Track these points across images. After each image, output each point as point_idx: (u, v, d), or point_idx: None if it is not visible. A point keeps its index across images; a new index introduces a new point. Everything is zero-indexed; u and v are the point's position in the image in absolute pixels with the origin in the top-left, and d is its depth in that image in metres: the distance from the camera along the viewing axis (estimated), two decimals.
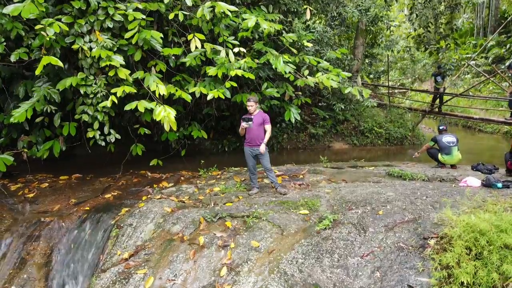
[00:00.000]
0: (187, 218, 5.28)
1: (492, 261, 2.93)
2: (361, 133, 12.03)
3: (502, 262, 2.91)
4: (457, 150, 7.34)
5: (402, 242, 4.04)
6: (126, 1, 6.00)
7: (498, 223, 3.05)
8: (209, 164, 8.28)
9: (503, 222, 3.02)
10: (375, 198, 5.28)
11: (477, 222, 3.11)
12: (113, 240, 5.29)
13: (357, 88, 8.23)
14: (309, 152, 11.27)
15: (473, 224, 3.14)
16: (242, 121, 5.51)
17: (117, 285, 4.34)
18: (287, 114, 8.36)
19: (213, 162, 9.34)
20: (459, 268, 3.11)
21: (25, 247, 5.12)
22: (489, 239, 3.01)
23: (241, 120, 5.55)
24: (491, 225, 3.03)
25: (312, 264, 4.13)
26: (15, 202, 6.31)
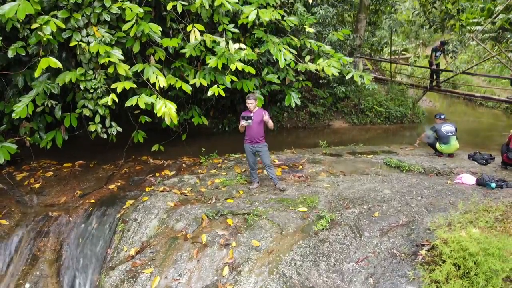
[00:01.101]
0: (190, 215, 5.47)
1: (478, 281, 3.12)
2: (361, 112, 12.02)
3: (487, 283, 3.10)
4: (455, 140, 7.42)
5: (396, 249, 4.24)
6: None
7: (486, 246, 3.21)
8: (210, 146, 8.38)
9: (491, 246, 3.18)
10: (372, 196, 5.44)
11: (466, 244, 3.27)
12: (119, 235, 5.52)
13: (358, 74, 8.16)
14: (309, 132, 11.34)
15: (462, 245, 3.30)
16: (242, 119, 5.54)
17: (126, 284, 4.60)
18: (287, 99, 8.34)
19: (214, 145, 9.46)
20: (448, 284, 3.31)
21: (36, 243, 5.35)
22: (476, 261, 3.18)
23: (240, 118, 5.58)
24: (479, 248, 3.19)
25: (310, 267, 4.36)
26: (22, 193, 6.49)
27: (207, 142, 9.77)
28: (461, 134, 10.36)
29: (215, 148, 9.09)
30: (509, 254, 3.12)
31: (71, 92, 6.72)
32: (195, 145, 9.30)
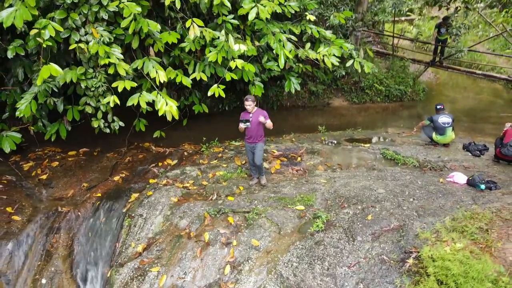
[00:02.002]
0: (193, 212, 5.75)
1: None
2: (361, 90, 11.99)
3: None
4: (451, 131, 7.55)
5: (385, 255, 4.54)
6: None
7: (467, 268, 3.48)
8: (211, 129, 8.52)
9: (472, 269, 3.45)
10: (367, 196, 5.68)
11: (449, 265, 3.54)
12: (126, 230, 5.83)
13: (359, 61, 8.10)
14: (309, 111, 11.40)
15: (446, 265, 3.57)
16: (240, 122, 5.64)
17: (135, 282, 4.97)
18: (287, 85, 8.35)
19: (215, 128, 9.59)
20: None
21: (48, 239, 5.68)
22: (457, 281, 3.47)
23: (239, 122, 5.68)
24: (461, 270, 3.46)
25: (305, 269, 4.69)
26: (31, 185, 6.73)
27: (207, 125, 9.90)
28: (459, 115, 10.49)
29: (215, 130, 9.24)
30: (487, 278, 3.40)
31: (72, 85, 6.74)
32: (196, 128, 9.43)
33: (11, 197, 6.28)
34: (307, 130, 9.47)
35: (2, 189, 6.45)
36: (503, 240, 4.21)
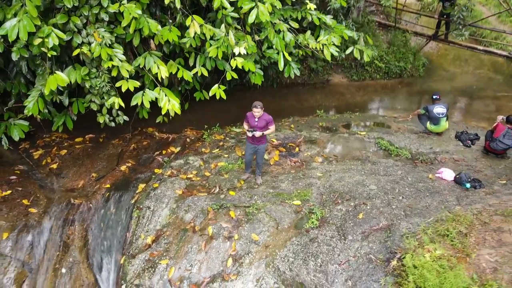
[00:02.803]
0: (197, 206, 6.14)
1: None
2: (360, 66, 11.96)
3: None
4: (445, 121, 7.75)
5: (373, 254, 4.99)
6: None
7: (442, 280, 3.91)
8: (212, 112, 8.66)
9: (446, 281, 3.88)
10: (359, 192, 6.05)
11: (427, 274, 3.97)
12: (135, 221, 6.27)
13: (358, 48, 8.10)
14: (308, 90, 11.47)
15: (424, 274, 4.01)
16: (248, 132, 5.89)
17: (146, 273, 5.48)
18: (287, 70, 8.38)
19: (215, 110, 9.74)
20: None
21: (64, 230, 6.13)
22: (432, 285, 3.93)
23: (246, 131, 5.93)
24: (437, 282, 3.90)
25: (300, 265, 5.16)
26: (42, 175, 7.07)
27: (208, 106, 10.02)
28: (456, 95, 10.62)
29: (216, 113, 9.41)
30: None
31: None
32: (197, 110, 9.59)
33: (25, 188, 6.64)
34: (306, 111, 9.65)
35: (16, 180, 6.79)
36: (480, 245, 4.63)
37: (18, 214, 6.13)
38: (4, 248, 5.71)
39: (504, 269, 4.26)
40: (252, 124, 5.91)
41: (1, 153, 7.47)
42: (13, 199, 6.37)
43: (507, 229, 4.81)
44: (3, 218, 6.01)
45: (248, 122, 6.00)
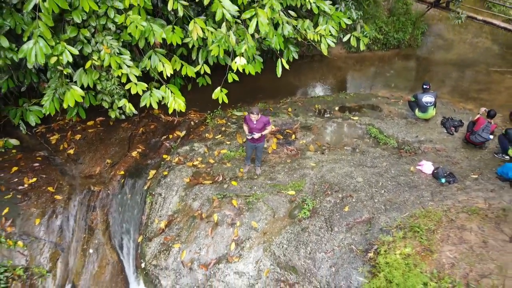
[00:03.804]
0: (203, 195, 6.88)
1: None
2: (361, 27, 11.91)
3: None
4: (432, 109, 8.19)
5: (354, 245, 5.82)
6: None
7: (405, 279, 4.75)
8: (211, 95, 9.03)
9: (409, 279, 4.72)
10: (347, 184, 6.75)
11: (394, 273, 4.81)
12: (149, 206, 7.06)
13: (356, 35, 8.24)
14: (307, 64, 11.60)
15: (391, 273, 4.85)
16: (247, 135, 6.42)
17: (162, 255, 6.38)
18: (286, 54, 8.63)
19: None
20: None
21: (88, 215, 6.93)
22: (398, 284, 4.79)
23: (246, 134, 6.45)
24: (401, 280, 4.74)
25: (293, 251, 6.04)
26: (62, 161, 7.71)
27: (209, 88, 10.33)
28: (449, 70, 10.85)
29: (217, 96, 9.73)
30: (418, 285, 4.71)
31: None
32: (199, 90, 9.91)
33: (48, 175, 7.32)
34: (304, 89, 10.00)
35: (39, 167, 7.44)
36: (443, 242, 5.44)
37: (45, 201, 6.88)
38: (38, 232, 6.56)
39: (460, 265, 5.10)
40: (251, 126, 6.42)
41: (21, 138, 8.01)
42: (39, 186, 7.08)
43: (469, 227, 5.58)
44: (34, 205, 6.78)
45: (247, 124, 6.49)
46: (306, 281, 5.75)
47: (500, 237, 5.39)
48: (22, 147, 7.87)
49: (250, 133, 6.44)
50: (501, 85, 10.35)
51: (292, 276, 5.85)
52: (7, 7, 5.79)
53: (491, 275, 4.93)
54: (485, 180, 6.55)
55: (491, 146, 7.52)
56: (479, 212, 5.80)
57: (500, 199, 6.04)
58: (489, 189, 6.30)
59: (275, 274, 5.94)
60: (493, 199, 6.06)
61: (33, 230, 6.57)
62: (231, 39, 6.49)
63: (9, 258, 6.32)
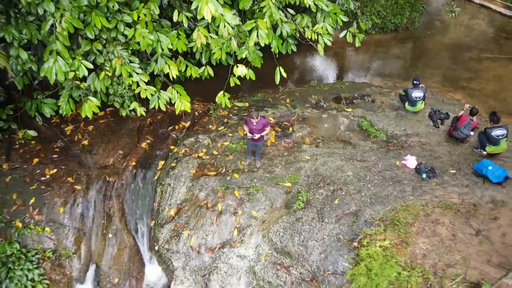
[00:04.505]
0: (208, 186, 7.54)
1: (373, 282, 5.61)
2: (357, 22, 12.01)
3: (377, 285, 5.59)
4: (421, 103, 8.64)
5: (341, 235, 6.57)
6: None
7: (382, 269, 5.53)
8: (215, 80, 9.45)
9: (385, 270, 5.49)
10: (338, 177, 7.39)
11: (373, 263, 5.58)
12: (159, 194, 7.77)
13: (352, 31, 8.49)
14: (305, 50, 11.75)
15: (371, 263, 5.63)
16: (248, 135, 6.94)
17: (173, 240, 7.17)
18: (285, 47, 8.93)
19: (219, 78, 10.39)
20: (360, 276, 5.82)
21: (105, 204, 7.64)
22: (376, 274, 5.58)
23: (247, 134, 6.97)
24: (378, 270, 5.52)
25: (288, 238, 6.81)
26: (78, 152, 8.29)
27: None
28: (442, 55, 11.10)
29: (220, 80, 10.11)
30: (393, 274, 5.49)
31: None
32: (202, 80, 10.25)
33: (67, 166, 7.93)
34: (302, 79, 10.34)
35: (57, 158, 8.05)
36: (418, 234, 6.17)
37: (67, 191, 7.56)
38: (62, 219, 7.32)
39: (431, 255, 5.87)
40: (251, 127, 6.94)
41: (39, 129, 8.52)
42: (60, 177, 7.73)
43: (442, 221, 6.30)
44: (56, 195, 7.47)
45: (248, 126, 7.01)
46: (299, 265, 6.57)
47: (468, 231, 6.13)
48: (40, 138, 8.41)
49: (251, 134, 6.98)
50: (491, 73, 10.69)
51: (287, 260, 6.66)
52: (21, 17, 6.10)
53: (456, 265, 5.72)
54: (462, 176, 7.17)
55: (472, 140, 8.07)
56: (452, 207, 6.48)
57: (472, 194, 6.70)
58: (464, 184, 6.95)
59: (273, 257, 6.75)
60: (466, 194, 6.72)
61: (58, 217, 7.32)
62: (233, 44, 6.82)
63: (39, 242, 7.13)
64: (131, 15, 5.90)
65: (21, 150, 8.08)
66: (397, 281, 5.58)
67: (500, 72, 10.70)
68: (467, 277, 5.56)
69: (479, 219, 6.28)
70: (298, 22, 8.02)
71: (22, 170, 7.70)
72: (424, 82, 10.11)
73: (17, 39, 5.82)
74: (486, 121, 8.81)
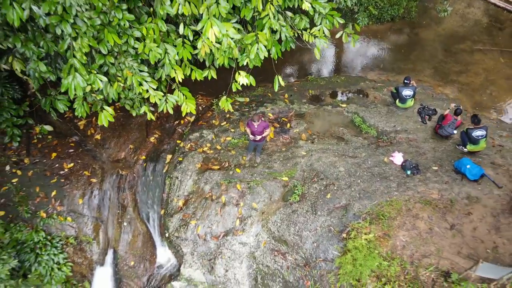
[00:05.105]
0: (213, 180, 8.17)
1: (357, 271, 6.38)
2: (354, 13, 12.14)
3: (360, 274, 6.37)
4: (411, 101, 9.09)
5: (332, 227, 7.29)
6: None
7: (366, 260, 6.26)
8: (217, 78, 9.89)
9: (368, 261, 6.23)
10: (331, 172, 8.00)
11: (358, 254, 6.32)
12: (168, 186, 8.42)
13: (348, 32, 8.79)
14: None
15: (357, 254, 6.36)
16: (250, 136, 7.47)
17: (182, 229, 7.90)
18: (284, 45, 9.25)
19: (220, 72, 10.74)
20: (347, 264, 6.59)
21: (119, 195, 8.30)
22: (360, 264, 6.34)
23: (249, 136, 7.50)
24: (362, 260, 6.27)
25: (284, 229, 7.53)
26: (91, 146, 8.84)
27: None
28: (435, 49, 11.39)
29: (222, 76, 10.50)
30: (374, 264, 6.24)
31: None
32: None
33: (83, 160, 8.52)
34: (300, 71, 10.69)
35: (73, 152, 8.61)
36: (399, 228, 6.89)
37: (84, 183, 8.20)
38: (82, 210, 8.02)
39: (409, 247, 6.61)
40: (253, 129, 7.46)
41: (54, 124, 9.01)
42: (76, 170, 8.34)
43: (421, 216, 6.99)
44: (75, 187, 8.12)
45: (249, 128, 7.52)
46: (294, 252, 7.34)
47: (443, 225, 6.83)
48: (55, 133, 8.93)
49: (253, 135, 7.51)
50: (480, 66, 11.02)
51: (283, 247, 7.43)
52: (38, 30, 6.44)
53: (430, 255, 6.47)
54: (443, 172, 7.78)
55: (456, 137, 8.60)
56: (432, 203, 7.15)
57: (451, 190, 7.34)
58: (444, 181, 7.57)
59: (271, 245, 7.51)
60: (445, 190, 7.37)
61: (78, 208, 8.02)
62: (235, 52, 7.20)
63: (62, 230, 7.87)
64: (140, 29, 6.25)
65: (39, 145, 8.63)
66: (378, 270, 6.35)
67: (489, 65, 11.03)
68: (439, 266, 6.32)
69: (454, 214, 6.96)
70: (297, 23, 8.32)
71: (42, 165, 8.29)
72: (416, 76, 10.53)
73: (36, 54, 6.20)
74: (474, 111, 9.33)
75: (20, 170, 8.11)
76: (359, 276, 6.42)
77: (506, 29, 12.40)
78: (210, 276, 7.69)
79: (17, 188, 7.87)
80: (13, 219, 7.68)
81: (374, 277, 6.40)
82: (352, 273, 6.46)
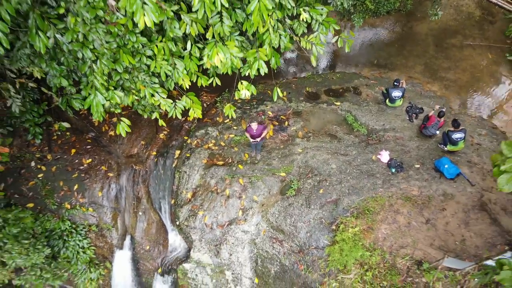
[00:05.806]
0: (218, 175, 8.93)
1: (343, 260, 7.31)
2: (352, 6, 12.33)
3: (346, 263, 7.30)
4: (400, 101, 9.65)
5: (324, 219, 8.15)
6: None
7: (351, 251, 7.15)
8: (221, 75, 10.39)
9: (352, 253, 7.12)
10: (324, 169, 8.75)
11: (344, 246, 7.21)
12: (178, 180, 9.19)
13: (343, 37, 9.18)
14: None
15: (344, 245, 7.25)
16: (250, 139, 8.12)
17: (191, 219, 8.77)
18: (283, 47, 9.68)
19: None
20: (335, 253, 7.52)
21: (134, 188, 9.09)
22: (346, 255, 7.25)
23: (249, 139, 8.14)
24: (348, 251, 7.16)
25: (282, 220, 8.41)
26: (106, 142, 9.52)
27: None
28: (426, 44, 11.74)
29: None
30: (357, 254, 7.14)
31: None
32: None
33: (99, 156, 9.23)
34: (297, 67, 11.12)
35: (91, 148, 9.30)
36: (382, 222, 7.74)
37: (102, 178, 8.97)
38: (102, 201, 8.84)
39: (389, 239, 7.50)
40: (252, 133, 8.12)
41: (71, 121, 9.63)
42: (95, 165, 9.07)
43: (402, 211, 7.83)
44: (94, 181, 8.89)
45: (249, 132, 8.17)
46: (290, 240, 8.26)
47: (420, 220, 7.69)
48: (73, 129, 9.57)
49: (253, 139, 8.17)
50: (468, 62, 11.43)
51: (281, 236, 8.33)
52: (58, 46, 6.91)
53: (407, 247, 7.36)
54: (424, 170, 8.53)
55: (439, 135, 9.26)
56: (412, 199, 7.96)
57: (429, 188, 8.13)
58: (425, 178, 8.34)
59: (269, 233, 8.41)
60: (424, 187, 8.15)
61: (98, 199, 8.83)
62: (238, 63, 7.69)
63: (84, 219, 8.73)
64: (151, 48, 6.72)
65: (59, 141, 9.30)
66: (361, 259, 7.27)
67: (477, 61, 11.44)
68: (414, 256, 7.23)
69: (431, 210, 7.79)
70: (295, 27, 8.71)
71: (63, 160, 9.01)
72: (407, 73, 11.00)
73: (58, 71, 6.72)
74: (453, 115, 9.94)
75: (44, 166, 8.83)
76: (345, 263, 7.35)
77: (496, 23, 12.64)
78: (216, 259, 8.67)
79: (43, 183, 8.64)
80: (42, 210, 8.51)
81: (357, 264, 7.34)
82: (339, 261, 7.39)
